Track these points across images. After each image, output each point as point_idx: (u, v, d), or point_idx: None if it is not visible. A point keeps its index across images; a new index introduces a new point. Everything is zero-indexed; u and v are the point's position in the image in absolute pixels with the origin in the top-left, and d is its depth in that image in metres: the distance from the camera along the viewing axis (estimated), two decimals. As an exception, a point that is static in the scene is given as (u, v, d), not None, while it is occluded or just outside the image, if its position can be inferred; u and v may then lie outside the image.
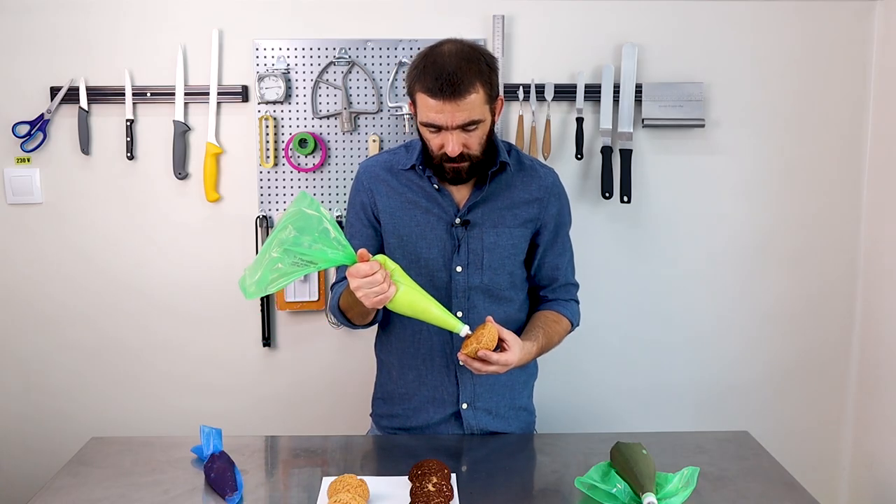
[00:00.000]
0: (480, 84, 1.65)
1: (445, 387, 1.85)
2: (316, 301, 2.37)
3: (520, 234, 1.83)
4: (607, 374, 2.49)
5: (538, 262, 1.89)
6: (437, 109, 1.64)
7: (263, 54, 2.31)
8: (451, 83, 1.62)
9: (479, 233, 1.80)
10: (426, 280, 1.81)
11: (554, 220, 1.87)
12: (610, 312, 2.45)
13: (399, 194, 1.82)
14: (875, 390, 2.38)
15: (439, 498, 1.43)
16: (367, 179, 1.85)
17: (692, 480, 1.48)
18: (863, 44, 2.37)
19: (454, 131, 1.66)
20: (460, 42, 1.70)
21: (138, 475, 1.61)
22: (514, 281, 1.85)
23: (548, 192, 1.85)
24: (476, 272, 1.81)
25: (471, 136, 1.68)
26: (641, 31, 2.34)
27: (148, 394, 2.45)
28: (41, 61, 2.32)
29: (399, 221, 1.82)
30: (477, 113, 1.66)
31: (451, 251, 1.80)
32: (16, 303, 2.41)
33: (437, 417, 1.86)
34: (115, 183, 2.37)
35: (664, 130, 2.37)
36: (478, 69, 1.65)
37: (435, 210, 1.80)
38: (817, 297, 2.47)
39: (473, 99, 1.64)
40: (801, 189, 2.42)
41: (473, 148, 1.70)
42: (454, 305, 1.81)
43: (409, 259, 1.81)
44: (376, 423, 1.97)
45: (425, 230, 1.81)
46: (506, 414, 1.89)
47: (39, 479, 2.11)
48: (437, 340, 1.83)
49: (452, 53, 1.66)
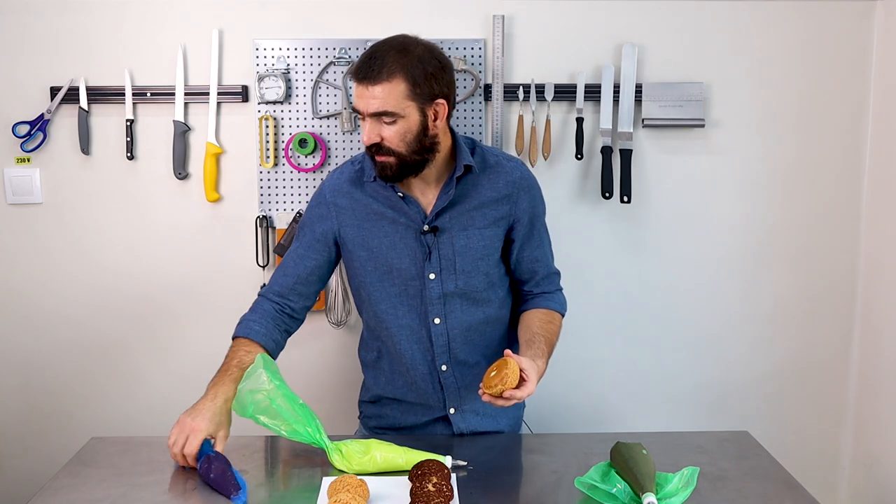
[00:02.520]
0: (402, 77, 1.62)
1: (431, 393, 1.85)
2: (317, 301, 2.37)
3: (491, 234, 1.80)
4: (607, 374, 2.49)
5: (516, 257, 1.86)
6: (357, 93, 1.65)
7: (263, 54, 2.31)
8: (369, 66, 1.61)
9: (449, 238, 1.77)
10: (400, 290, 1.79)
11: (527, 214, 1.83)
12: (610, 312, 2.45)
13: (364, 206, 1.79)
14: (875, 390, 2.38)
15: (439, 498, 1.43)
16: (330, 194, 1.83)
17: (692, 480, 1.48)
18: (863, 44, 2.36)
19: (368, 119, 1.64)
20: (409, 37, 1.68)
21: (138, 475, 1.61)
22: (490, 281, 1.83)
23: (516, 187, 1.81)
24: (450, 277, 1.78)
25: (387, 128, 1.64)
26: (641, 31, 2.34)
27: (148, 394, 2.45)
28: (41, 61, 2.32)
29: (367, 233, 1.79)
30: (391, 104, 1.62)
31: (423, 259, 1.77)
32: (16, 303, 2.41)
33: (427, 420, 1.87)
34: (115, 183, 2.37)
35: (664, 130, 2.37)
36: (404, 62, 1.62)
37: (402, 219, 1.77)
38: (817, 297, 2.46)
39: (388, 88, 1.61)
40: (801, 189, 2.42)
41: (393, 143, 1.66)
42: (430, 312, 1.79)
43: (382, 270, 1.79)
44: (364, 424, 1.97)
45: (394, 240, 1.78)
46: (493, 412, 1.88)
47: (39, 479, 2.10)
48: (418, 349, 1.82)
49: (389, 42, 1.66)
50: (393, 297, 1.81)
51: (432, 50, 1.68)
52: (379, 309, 1.83)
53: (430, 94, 1.66)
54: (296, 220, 2.32)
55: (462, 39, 2.30)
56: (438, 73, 1.67)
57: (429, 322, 1.80)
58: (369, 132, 1.65)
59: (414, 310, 1.81)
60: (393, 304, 1.81)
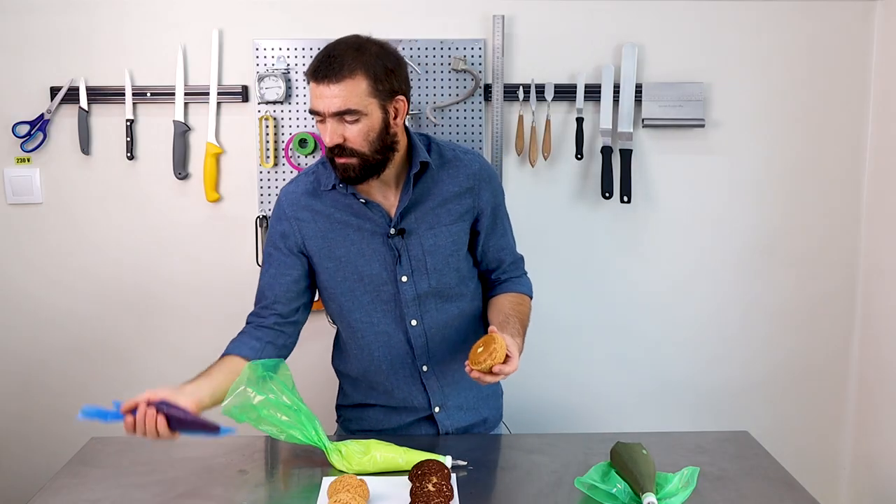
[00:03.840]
0: (363, 74, 1.60)
1: (414, 395, 1.83)
2: (315, 301, 2.36)
3: (458, 229, 1.79)
4: (607, 374, 2.49)
5: (482, 248, 1.85)
6: (316, 94, 1.61)
7: (263, 54, 2.31)
8: (328, 65, 1.59)
9: (417, 238, 1.75)
10: (373, 297, 1.77)
11: (490, 205, 1.82)
12: (609, 312, 2.45)
13: (326, 217, 1.75)
14: (875, 390, 2.38)
15: (439, 498, 1.43)
16: (289, 208, 1.78)
17: (692, 480, 1.48)
18: (863, 44, 2.36)
19: (330, 119, 1.61)
20: (362, 36, 1.67)
21: (138, 475, 1.61)
22: (461, 276, 1.82)
23: (477, 179, 1.80)
24: (422, 278, 1.76)
25: (350, 128, 1.62)
26: (641, 31, 2.34)
27: (148, 394, 2.45)
28: (41, 61, 2.32)
29: (332, 244, 1.76)
30: (354, 102, 1.59)
31: (393, 262, 1.75)
32: (16, 303, 2.42)
33: (410, 420, 1.85)
34: (115, 183, 2.37)
35: (664, 130, 2.37)
36: (364, 60, 1.61)
37: (367, 225, 1.74)
38: (817, 297, 2.46)
39: (350, 86, 1.59)
40: (801, 189, 2.42)
41: (356, 143, 1.62)
42: (406, 315, 1.77)
43: (352, 280, 1.77)
44: (344, 427, 1.94)
45: (362, 247, 1.75)
46: (475, 405, 1.87)
47: (39, 479, 2.10)
48: (397, 353, 1.80)
49: (343, 41, 1.64)
50: (366, 305, 1.78)
51: (387, 47, 1.67)
52: (353, 318, 1.80)
53: (390, 90, 1.64)
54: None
55: (462, 39, 2.30)
56: (397, 69, 1.66)
57: (405, 325, 1.78)
58: (332, 133, 1.62)
59: (389, 314, 1.78)
60: (367, 312, 1.79)
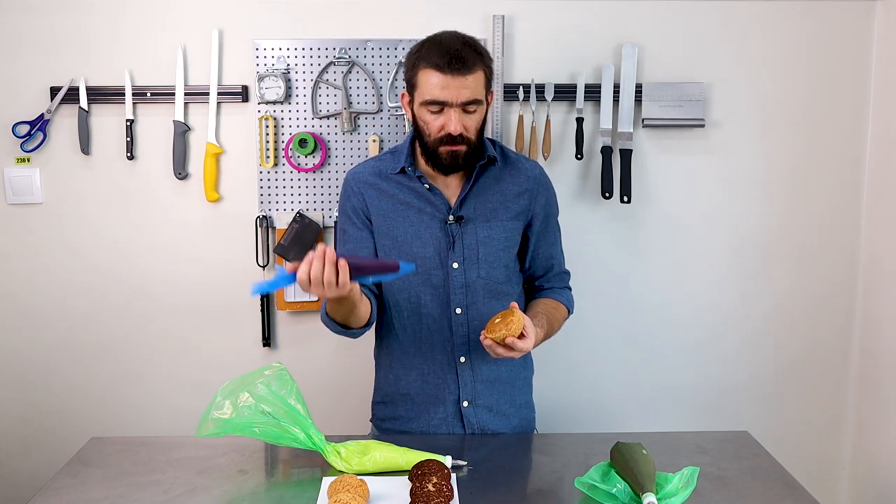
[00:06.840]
0: (482, 67, 1.74)
1: (447, 384, 1.86)
2: (316, 301, 2.37)
3: (512, 226, 1.86)
4: (607, 375, 2.49)
5: (532, 252, 1.92)
6: (442, 85, 1.70)
7: (263, 54, 2.31)
8: (459, 58, 1.69)
9: (473, 227, 1.82)
10: (423, 279, 1.82)
11: (544, 211, 1.91)
12: (610, 312, 2.45)
13: (390, 196, 1.84)
14: (875, 391, 2.38)
15: (439, 498, 1.43)
16: (356, 184, 1.87)
17: (692, 480, 1.48)
18: (863, 44, 2.37)
19: (456, 109, 1.71)
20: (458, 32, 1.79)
21: (138, 475, 1.61)
22: (509, 274, 1.88)
23: (536, 183, 1.89)
24: (473, 267, 1.82)
25: (470, 118, 1.73)
26: (641, 31, 2.34)
27: (148, 394, 2.45)
28: (41, 61, 2.32)
29: (392, 223, 1.83)
30: (479, 93, 1.73)
31: (447, 248, 1.82)
32: (16, 303, 2.41)
33: (439, 416, 1.87)
34: (115, 183, 2.37)
35: (664, 130, 2.37)
36: (479, 53, 1.74)
37: (428, 209, 1.82)
38: (817, 297, 2.46)
39: (478, 78, 1.72)
40: (801, 189, 2.42)
41: (471, 131, 1.75)
42: (452, 302, 1.82)
43: (405, 260, 1.80)
44: (377, 426, 1.97)
45: (419, 229, 1.82)
46: (507, 411, 1.89)
47: (39, 479, 2.11)
48: (437, 339, 1.85)
49: (454, 37, 1.75)
50: (416, 287, 1.84)
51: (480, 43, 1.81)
52: (401, 297, 1.86)
53: (490, 85, 1.78)
54: (296, 219, 2.32)
55: (462, 39, 2.30)
56: (492, 65, 1.81)
57: (450, 311, 1.83)
58: (457, 122, 1.71)
59: (436, 299, 1.83)
60: (416, 293, 1.84)
